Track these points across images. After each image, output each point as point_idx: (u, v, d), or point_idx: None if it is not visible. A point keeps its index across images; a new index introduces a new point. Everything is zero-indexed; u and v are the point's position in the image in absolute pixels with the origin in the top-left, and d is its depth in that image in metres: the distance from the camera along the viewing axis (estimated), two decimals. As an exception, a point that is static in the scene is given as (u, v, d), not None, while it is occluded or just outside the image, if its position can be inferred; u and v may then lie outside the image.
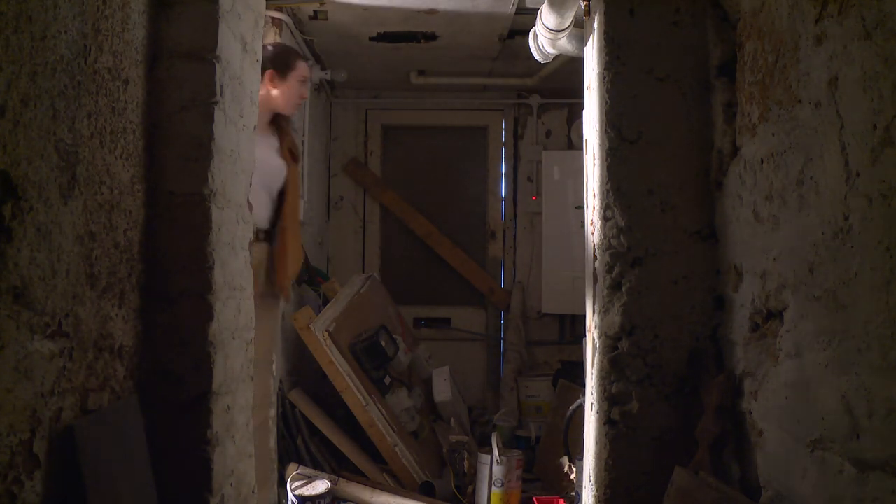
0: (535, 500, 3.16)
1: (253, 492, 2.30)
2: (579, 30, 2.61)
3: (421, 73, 4.64)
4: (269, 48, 2.73)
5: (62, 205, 1.40)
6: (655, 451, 2.05)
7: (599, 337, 2.13)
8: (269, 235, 2.65)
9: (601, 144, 2.16)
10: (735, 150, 1.98)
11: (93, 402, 1.55)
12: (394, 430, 3.43)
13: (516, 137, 5.11)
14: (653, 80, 2.13)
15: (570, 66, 3.71)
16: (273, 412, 2.51)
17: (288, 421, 3.43)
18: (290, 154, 2.74)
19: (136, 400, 1.76)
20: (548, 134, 5.07)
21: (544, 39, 2.80)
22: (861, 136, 1.30)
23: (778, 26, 1.68)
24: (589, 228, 2.32)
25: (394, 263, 5.20)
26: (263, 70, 2.60)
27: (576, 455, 2.71)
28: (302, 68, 2.73)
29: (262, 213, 2.60)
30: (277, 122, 2.72)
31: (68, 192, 1.43)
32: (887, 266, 1.22)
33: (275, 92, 2.67)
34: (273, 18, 3.27)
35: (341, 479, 3.22)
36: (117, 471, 1.57)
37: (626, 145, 2.12)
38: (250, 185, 2.33)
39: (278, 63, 2.67)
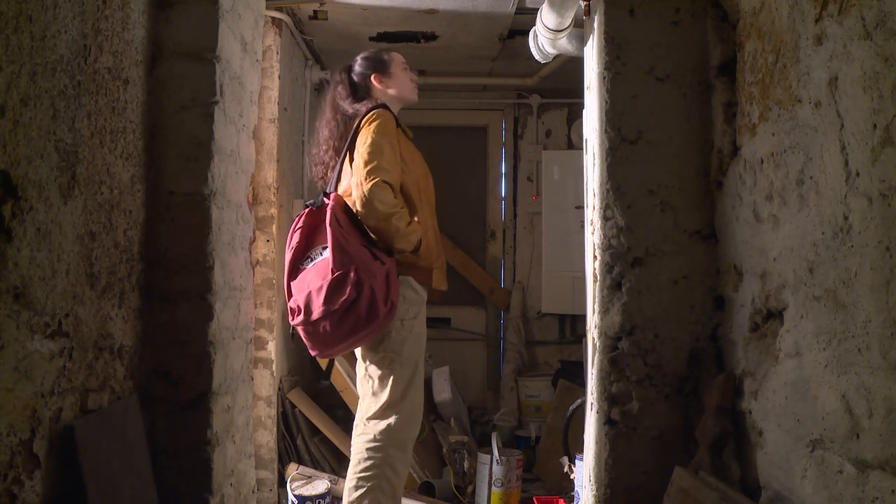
0: (535, 500, 3.16)
1: (253, 491, 2.30)
2: (579, 30, 2.61)
3: (421, 73, 4.64)
4: (356, 61, 2.65)
5: (62, 205, 1.40)
6: (655, 451, 2.05)
7: (599, 337, 2.13)
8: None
9: (601, 144, 2.16)
10: (735, 150, 1.98)
11: (93, 401, 1.55)
12: (394, 430, 3.42)
13: (516, 137, 5.11)
14: (653, 80, 2.13)
15: (570, 66, 3.71)
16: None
17: (288, 421, 3.43)
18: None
19: (136, 400, 1.76)
20: (548, 134, 5.07)
21: (544, 39, 2.80)
22: (861, 136, 1.30)
23: (778, 26, 1.68)
24: (589, 228, 2.32)
25: (394, 263, 5.20)
26: (367, 79, 2.56)
27: (576, 455, 2.70)
28: (396, 56, 2.66)
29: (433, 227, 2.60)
30: (402, 128, 2.62)
31: (68, 191, 1.43)
32: (887, 266, 1.22)
33: (390, 90, 2.60)
34: (273, 18, 3.27)
35: (341, 479, 3.22)
36: (117, 471, 1.57)
37: (626, 145, 2.12)
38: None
39: (375, 65, 2.60)
